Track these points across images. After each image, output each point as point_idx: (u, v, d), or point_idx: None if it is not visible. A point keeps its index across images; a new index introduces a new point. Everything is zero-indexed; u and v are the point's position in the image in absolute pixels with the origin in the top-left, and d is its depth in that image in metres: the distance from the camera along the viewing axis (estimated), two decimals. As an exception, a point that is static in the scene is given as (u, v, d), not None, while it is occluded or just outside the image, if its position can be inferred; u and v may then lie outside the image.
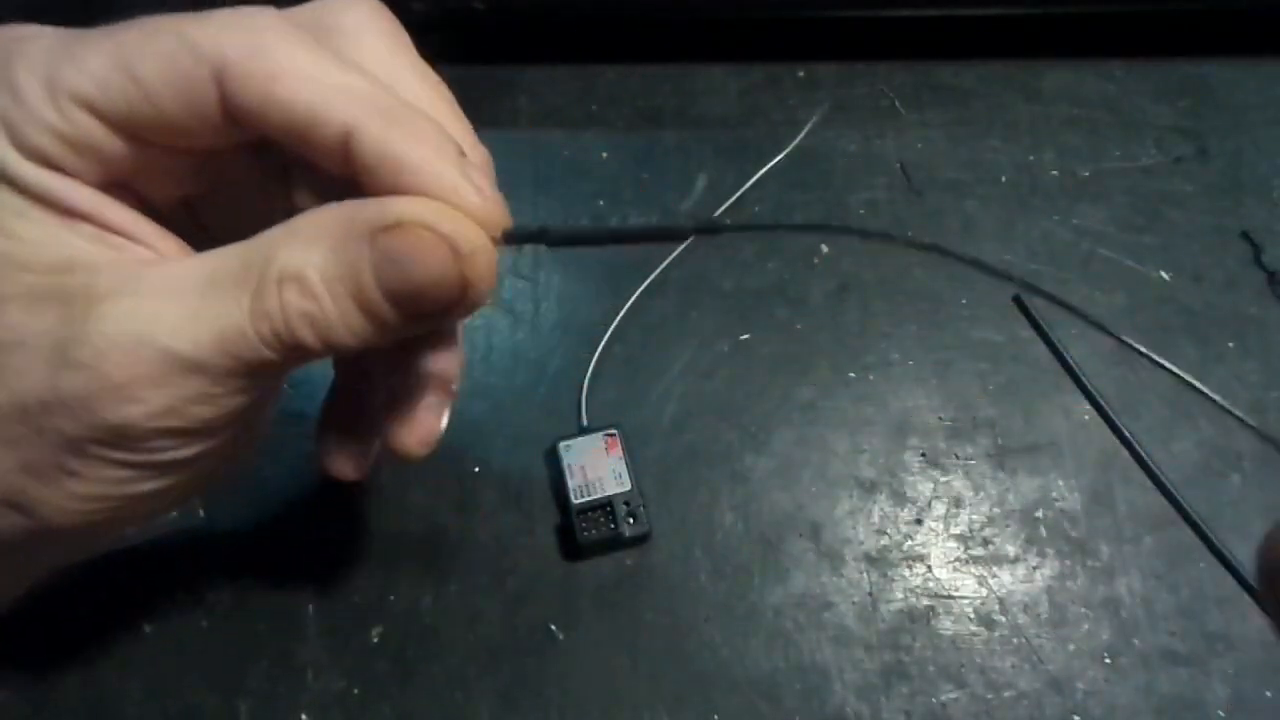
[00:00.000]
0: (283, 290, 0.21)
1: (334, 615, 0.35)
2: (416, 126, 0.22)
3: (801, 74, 0.46)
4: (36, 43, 0.21)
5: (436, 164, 0.21)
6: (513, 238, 0.23)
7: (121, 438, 0.21)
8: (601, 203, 0.43)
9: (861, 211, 0.43)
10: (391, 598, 0.35)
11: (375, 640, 0.35)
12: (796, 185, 0.43)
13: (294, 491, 0.37)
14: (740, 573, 0.36)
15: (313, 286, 0.21)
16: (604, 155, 0.44)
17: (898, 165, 0.44)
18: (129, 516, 0.24)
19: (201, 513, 0.36)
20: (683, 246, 0.41)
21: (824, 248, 0.42)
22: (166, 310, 0.21)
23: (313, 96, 0.21)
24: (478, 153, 0.25)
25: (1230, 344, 0.40)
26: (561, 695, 0.34)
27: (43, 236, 0.21)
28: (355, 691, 0.34)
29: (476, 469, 0.37)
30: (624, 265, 0.41)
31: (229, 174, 0.25)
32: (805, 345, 0.40)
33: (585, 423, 0.38)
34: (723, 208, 0.42)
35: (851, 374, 0.39)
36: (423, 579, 0.36)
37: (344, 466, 0.29)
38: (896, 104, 0.45)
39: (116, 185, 0.23)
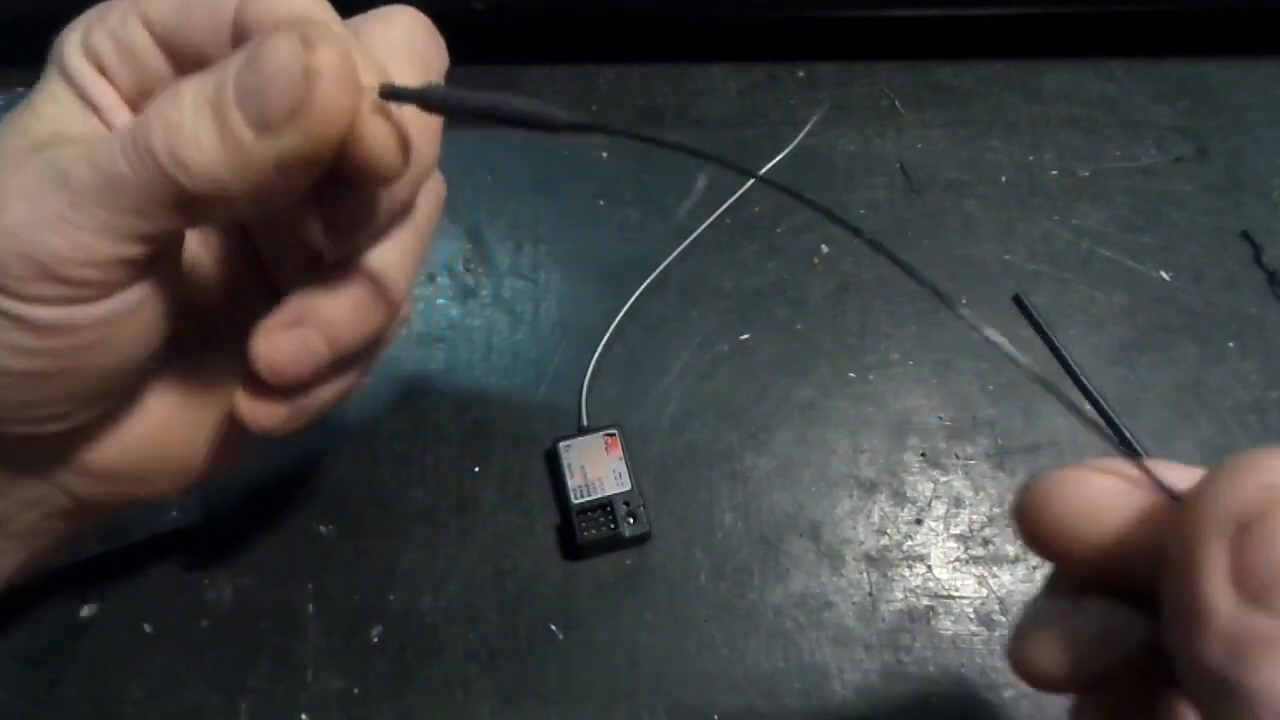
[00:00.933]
0: (155, 102, 0.21)
1: (334, 615, 0.35)
2: (342, 44, 0.22)
3: (801, 74, 0.46)
4: None
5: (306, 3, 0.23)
6: (389, 94, 0.22)
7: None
8: (601, 203, 0.43)
9: (861, 211, 0.43)
10: (391, 598, 0.35)
11: (375, 640, 0.35)
12: (796, 185, 0.43)
13: (294, 491, 0.37)
14: (740, 573, 0.36)
15: (182, 96, 0.21)
16: (604, 155, 0.44)
17: (898, 165, 0.44)
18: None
19: (201, 513, 0.36)
20: (684, 245, 0.41)
21: (824, 248, 0.42)
22: (69, 137, 0.23)
23: (292, 6, 0.22)
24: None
25: (1230, 344, 0.40)
26: (561, 695, 0.34)
27: (57, 116, 0.24)
28: (355, 691, 0.34)
29: (476, 469, 0.37)
30: (624, 265, 0.41)
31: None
32: (805, 345, 0.40)
33: (585, 423, 0.38)
34: (723, 207, 0.42)
35: (851, 374, 0.39)
36: (423, 579, 0.36)
37: (262, 416, 0.26)
38: (896, 104, 0.45)
39: (134, 102, 0.24)
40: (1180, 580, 0.17)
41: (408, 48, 0.25)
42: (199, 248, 0.28)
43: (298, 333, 0.25)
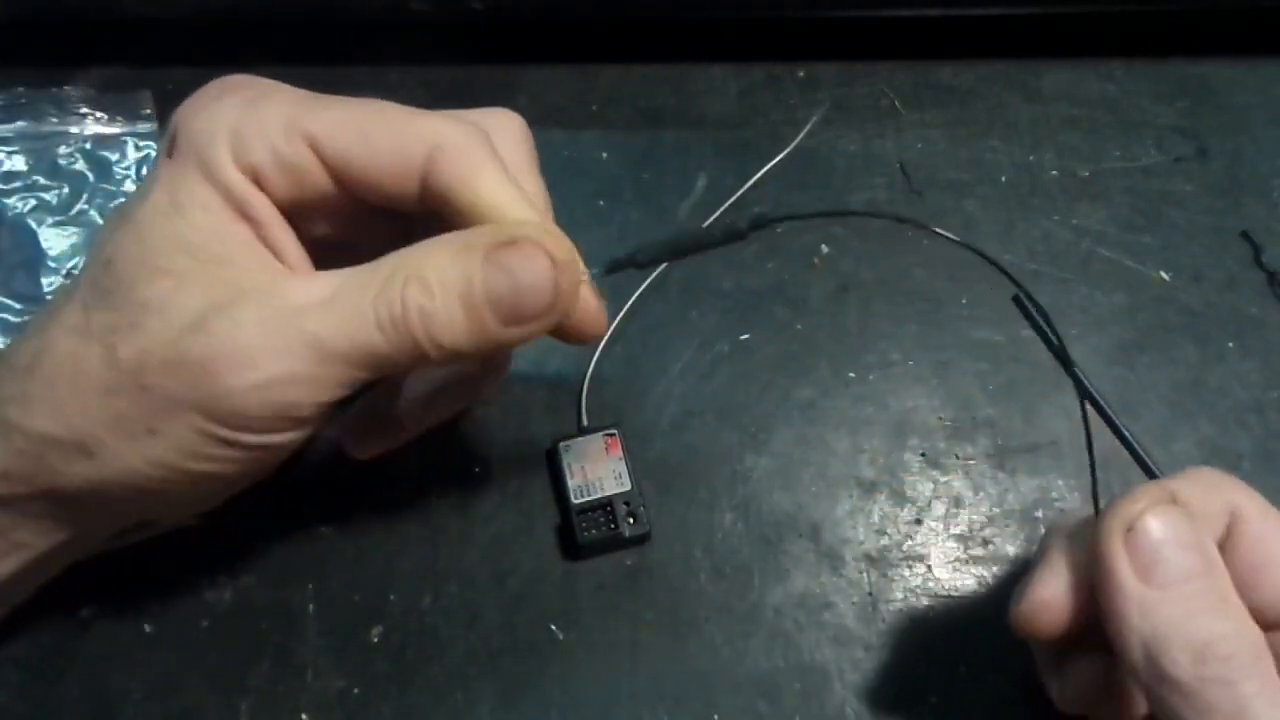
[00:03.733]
0: (406, 286, 0.25)
1: (334, 615, 0.35)
2: (566, 242, 0.27)
3: (801, 74, 0.46)
4: (284, 90, 0.27)
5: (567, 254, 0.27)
6: (615, 267, 0.29)
7: (223, 407, 0.25)
8: (601, 203, 0.43)
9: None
10: (391, 598, 0.35)
11: (375, 640, 0.35)
12: (796, 185, 0.43)
13: (294, 491, 0.37)
14: (740, 573, 0.36)
15: (430, 286, 0.25)
16: (604, 155, 0.44)
17: (898, 165, 0.44)
18: (168, 490, 0.26)
19: (201, 513, 0.36)
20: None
21: (824, 248, 0.42)
22: (302, 299, 0.25)
23: (498, 198, 0.26)
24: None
25: (1230, 344, 0.40)
26: (561, 695, 0.34)
27: (214, 229, 0.26)
28: (355, 691, 0.34)
29: (476, 469, 0.37)
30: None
31: (365, 226, 0.29)
32: (805, 345, 0.40)
33: (585, 423, 0.38)
34: (723, 208, 0.42)
35: (851, 374, 0.39)
36: (423, 579, 0.36)
37: (363, 449, 0.33)
38: (896, 104, 0.45)
39: (286, 214, 0.27)
40: (1099, 570, 0.24)
41: (518, 140, 0.30)
42: None
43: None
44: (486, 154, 0.27)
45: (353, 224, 0.29)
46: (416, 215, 0.28)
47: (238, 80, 0.28)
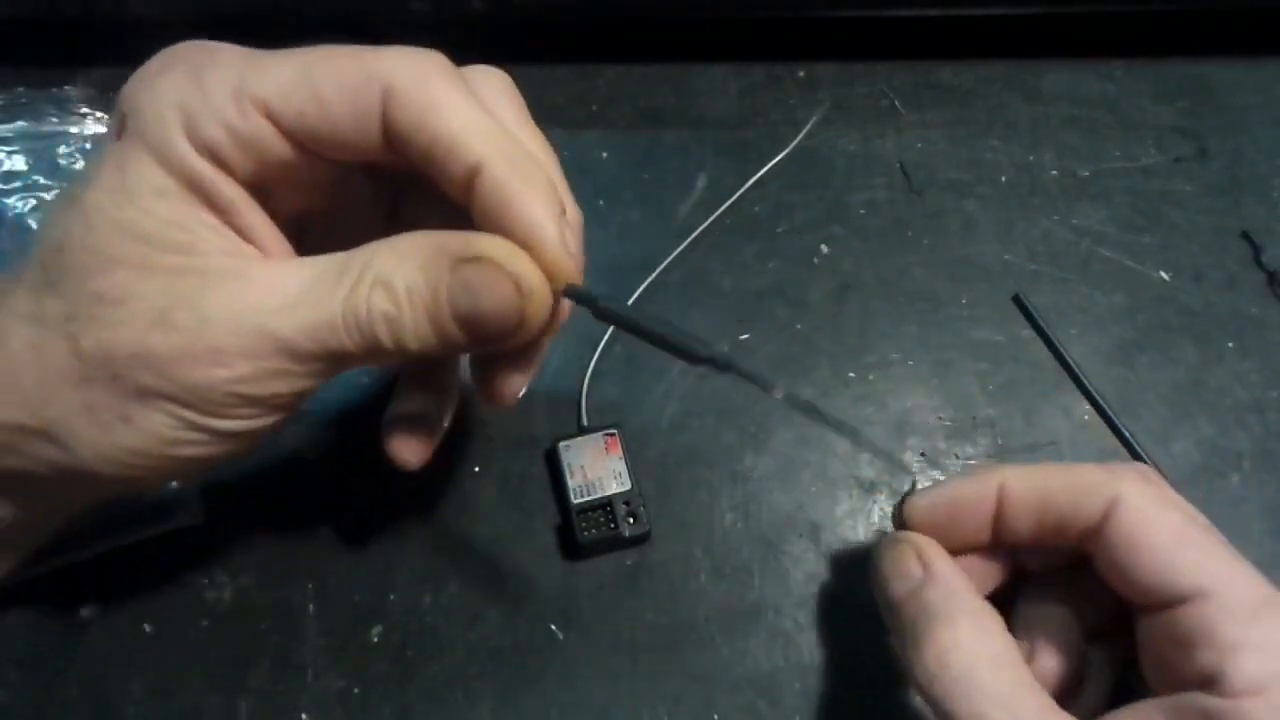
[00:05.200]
0: (372, 292, 0.24)
1: (334, 615, 0.35)
2: (534, 178, 0.25)
3: (801, 74, 0.46)
4: (227, 54, 0.25)
5: (540, 214, 0.25)
6: (572, 294, 0.26)
7: (196, 398, 0.24)
8: (601, 203, 0.43)
9: (861, 211, 0.43)
10: (391, 598, 0.35)
11: (375, 640, 0.35)
12: (796, 185, 0.43)
13: (294, 491, 0.37)
14: (740, 573, 0.36)
15: (397, 295, 0.24)
16: (604, 155, 0.44)
17: (898, 165, 0.44)
18: (150, 475, 0.26)
19: (202, 513, 0.36)
20: (684, 245, 0.41)
21: (824, 248, 0.42)
22: (269, 298, 0.24)
23: (457, 130, 0.24)
24: (573, 212, 0.28)
25: (1230, 344, 0.40)
26: (561, 695, 0.34)
27: (172, 216, 0.24)
28: (355, 691, 0.34)
29: (476, 469, 0.37)
30: (624, 265, 0.41)
31: (345, 194, 0.28)
32: (805, 345, 0.40)
33: (585, 423, 0.38)
34: (722, 208, 0.42)
35: (851, 374, 0.39)
36: (423, 579, 0.36)
37: (407, 453, 0.31)
38: (896, 104, 0.45)
39: (254, 189, 0.25)
40: None
41: (509, 94, 0.28)
42: None
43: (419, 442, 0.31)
44: (445, 82, 0.25)
45: (328, 191, 0.28)
46: (392, 169, 0.27)
47: (182, 49, 0.26)
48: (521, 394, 0.29)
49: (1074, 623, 0.30)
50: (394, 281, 0.24)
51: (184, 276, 0.24)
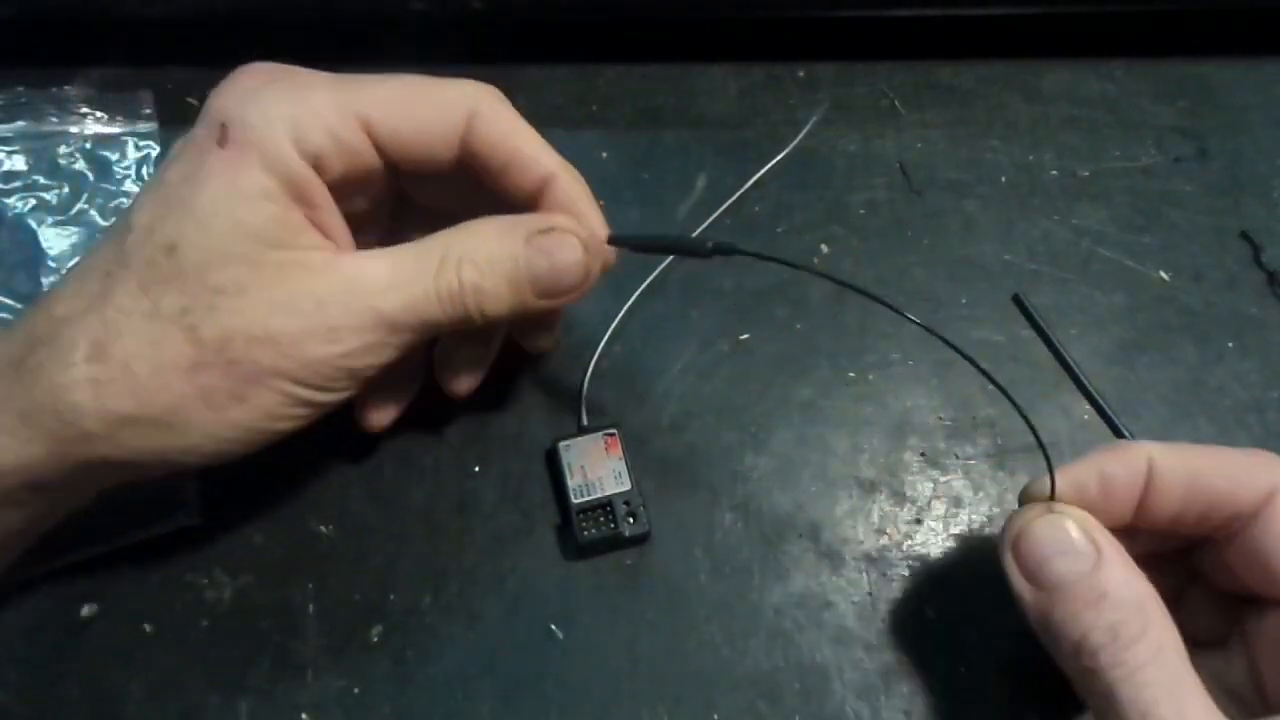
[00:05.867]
0: (461, 267, 0.29)
1: (334, 615, 0.35)
2: (582, 182, 0.33)
3: (801, 74, 0.46)
4: (325, 76, 0.29)
5: (591, 207, 0.32)
6: (611, 241, 0.32)
7: (311, 373, 0.28)
8: (601, 203, 0.42)
9: (861, 211, 0.43)
10: (391, 598, 0.35)
11: (375, 640, 0.35)
12: (796, 185, 0.43)
13: (294, 491, 0.37)
14: (740, 573, 0.36)
15: (481, 265, 0.29)
16: (604, 155, 0.44)
17: (898, 165, 0.44)
18: (241, 450, 0.29)
19: (200, 514, 0.36)
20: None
21: (824, 248, 0.42)
22: (369, 281, 0.28)
23: (534, 148, 0.31)
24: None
25: (1230, 344, 0.40)
26: (561, 695, 0.34)
27: (277, 216, 0.28)
28: (355, 691, 0.34)
29: (476, 469, 0.37)
30: (624, 265, 0.41)
31: (382, 196, 0.33)
32: (805, 345, 0.40)
33: (585, 423, 0.38)
34: (723, 207, 0.42)
35: (851, 374, 0.39)
36: (423, 579, 0.36)
37: (461, 386, 0.36)
38: (896, 104, 0.45)
39: (335, 191, 0.30)
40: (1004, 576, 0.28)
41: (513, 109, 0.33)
42: None
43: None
44: (514, 112, 0.31)
45: (378, 195, 0.33)
46: (440, 175, 0.32)
47: (262, 67, 0.29)
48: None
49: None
50: (478, 256, 0.29)
51: (290, 268, 0.28)
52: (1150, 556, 0.29)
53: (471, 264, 0.29)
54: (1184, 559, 0.31)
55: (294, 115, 0.28)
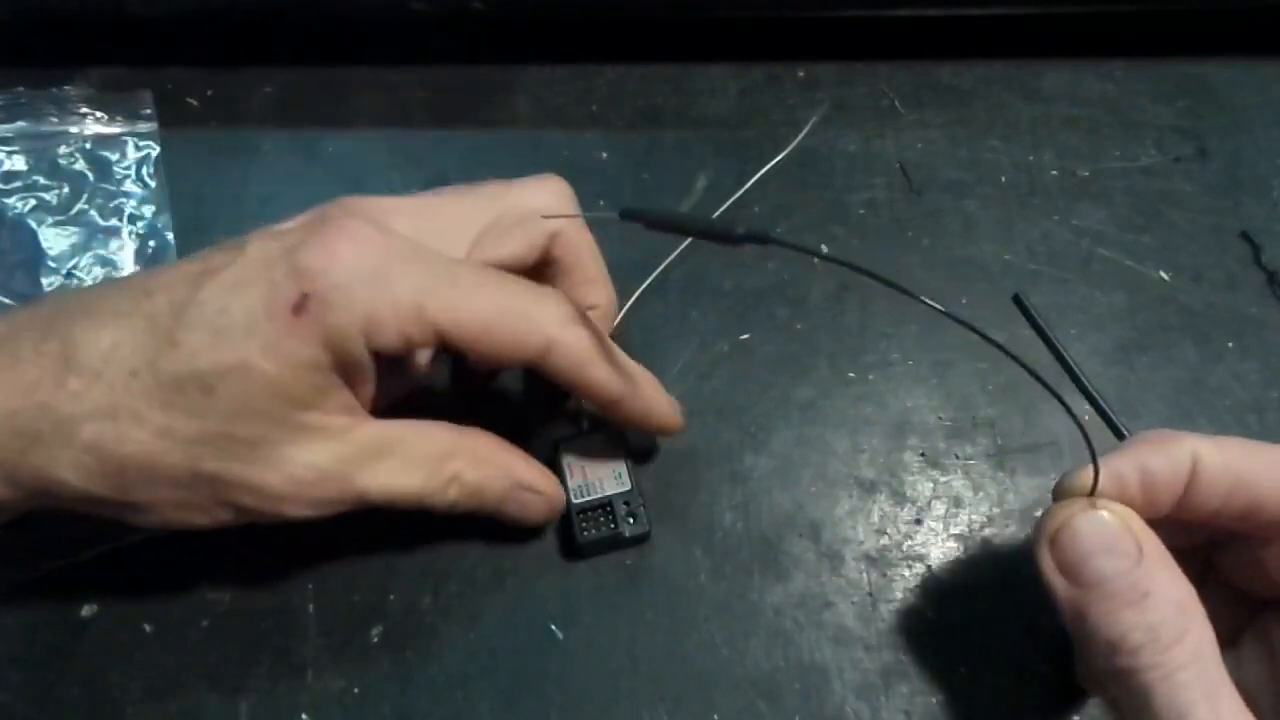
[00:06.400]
0: (450, 486, 0.31)
1: (334, 615, 0.35)
2: (652, 387, 0.34)
3: (801, 74, 0.46)
4: (416, 269, 0.29)
5: (664, 415, 0.34)
6: (626, 216, 0.29)
7: (266, 515, 0.30)
8: (602, 203, 0.43)
9: (861, 211, 0.43)
10: (391, 598, 0.35)
11: (375, 640, 0.35)
12: (796, 185, 0.43)
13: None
14: (740, 573, 0.36)
15: (469, 491, 0.32)
16: (604, 155, 0.44)
17: (898, 165, 0.44)
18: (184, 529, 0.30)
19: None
20: (684, 245, 0.41)
21: (824, 248, 0.42)
22: (367, 458, 0.30)
23: (602, 386, 0.32)
24: (608, 295, 0.37)
25: (1230, 344, 0.40)
26: (561, 695, 0.34)
27: (318, 385, 0.28)
28: (355, 691, 0.34)
29: (476, 469, 0.37)
30: (624, 265, 0.41)
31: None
32: (805, 345, 0.40)
33: (585, 423, 0.37)
34: (723, 208, 0.42)
35: (851, 374, 0.39)
36: (423, 579, 0.36)
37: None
38: (896, 104, 0.45)
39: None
40: (1039, 578, 0.27)
41: (565, 201, 0.35)
42: None
43: None
44: (591, 349, 0.31)
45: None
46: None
47: (367, 237, 0.29)
48: None
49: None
50: (467, 483, 0.32)
51: (309, 430, 0.29)
52: (1170, 550, 0.28)
53: (461, 487, 0.32)
54: (1201, 554, 0.30)
55: (373, 308, 0.28)
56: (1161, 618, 0.25)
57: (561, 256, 0.34)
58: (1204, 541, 0.30)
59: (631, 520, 0.35)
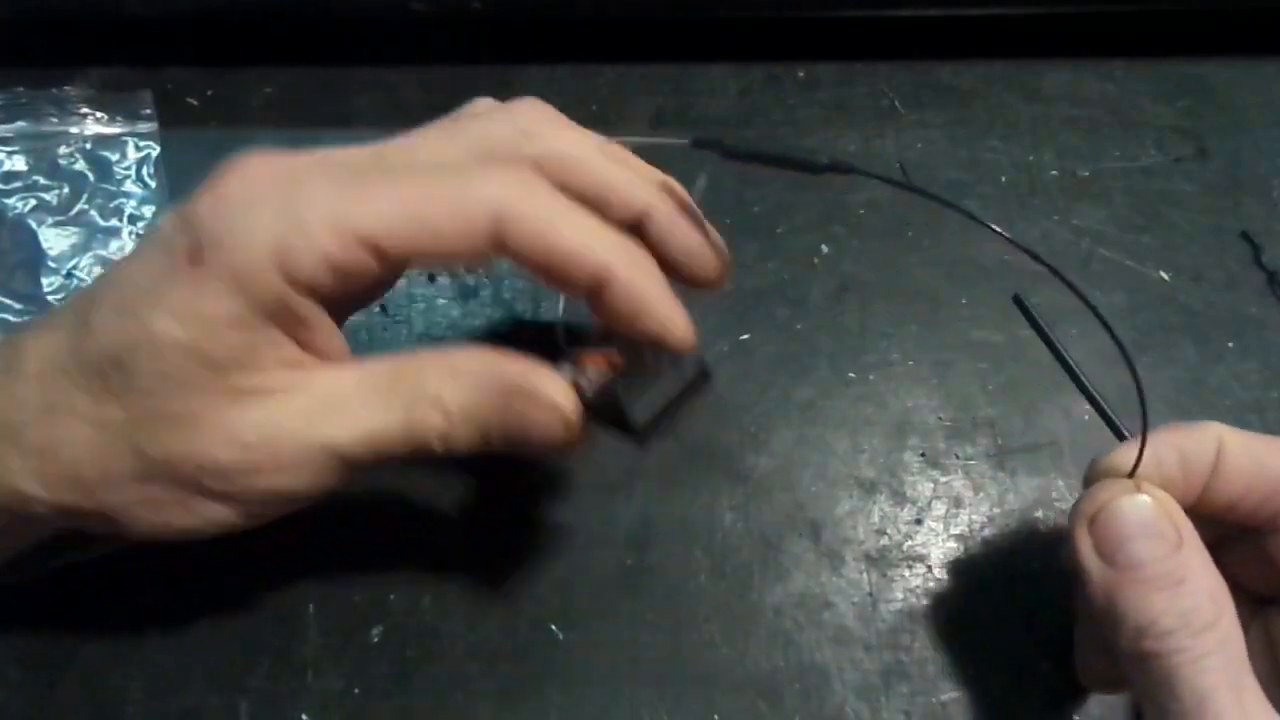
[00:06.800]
0: (430, 411, 0.26)
1: (334, 615, 0.35)
2: (653, 274, 0.29)
3: (801, 74, 0.46)
4: (316, 179, 0.26)
5: (667, 314, 0.29)
6: (699, 144, 0.28)
7: (255, 499, 0.27)
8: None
9: (861, 211, 0.43)
10: (391, 598, 0.35)
11: (375, 640, 0.35)
12: (796, 185, 0.43)
13: (294, 491, 0.37)
14: (740, 573, 0.36)
15: (451, 415, 0.26)
16: (604, 155, 0.44)
17: (898, 165, 0.44)
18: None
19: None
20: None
21: (824, 248, 0.42)
22: (328, 410, 0.26)
23: (577, 245, 0.27)
24: (668, 185, 0.32)
25: (1230, 344, 0.40)
26: (561, 695, 0.34)
27: (245, 342, 0.25)
28: (355, 691, 0.34)
29: (477, 467, 0.37)
30: (624, 265, 0.41)
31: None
32: (805, 345, 0.40)
33: (562, 337, 0.37)
34: (723, 208, 0.42)
35: (851, 374, 0.39)
36: (423, 579, 0.36)
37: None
38: (896, 104, 0.45)
39: (326, 300, 0.26)
40: (1072, 557, 0.27)
41: (554, 122, 0.32)
42: None
43: None
44: (551, 200, 0.27)
45: (382, 287, 0.31)
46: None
47: (259, 167, 0.26)
48: None
49: None
50: (448, 403, 0.26)
51: (249, 395, 0.25)
52: None
53: (440, 410, 0.26)
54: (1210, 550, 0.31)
55: (281, 240, 0.24)
56: (1194, 605, 0.25)
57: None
58: (1211, 539, 0.30)
59: (679, 365, 0.33)
